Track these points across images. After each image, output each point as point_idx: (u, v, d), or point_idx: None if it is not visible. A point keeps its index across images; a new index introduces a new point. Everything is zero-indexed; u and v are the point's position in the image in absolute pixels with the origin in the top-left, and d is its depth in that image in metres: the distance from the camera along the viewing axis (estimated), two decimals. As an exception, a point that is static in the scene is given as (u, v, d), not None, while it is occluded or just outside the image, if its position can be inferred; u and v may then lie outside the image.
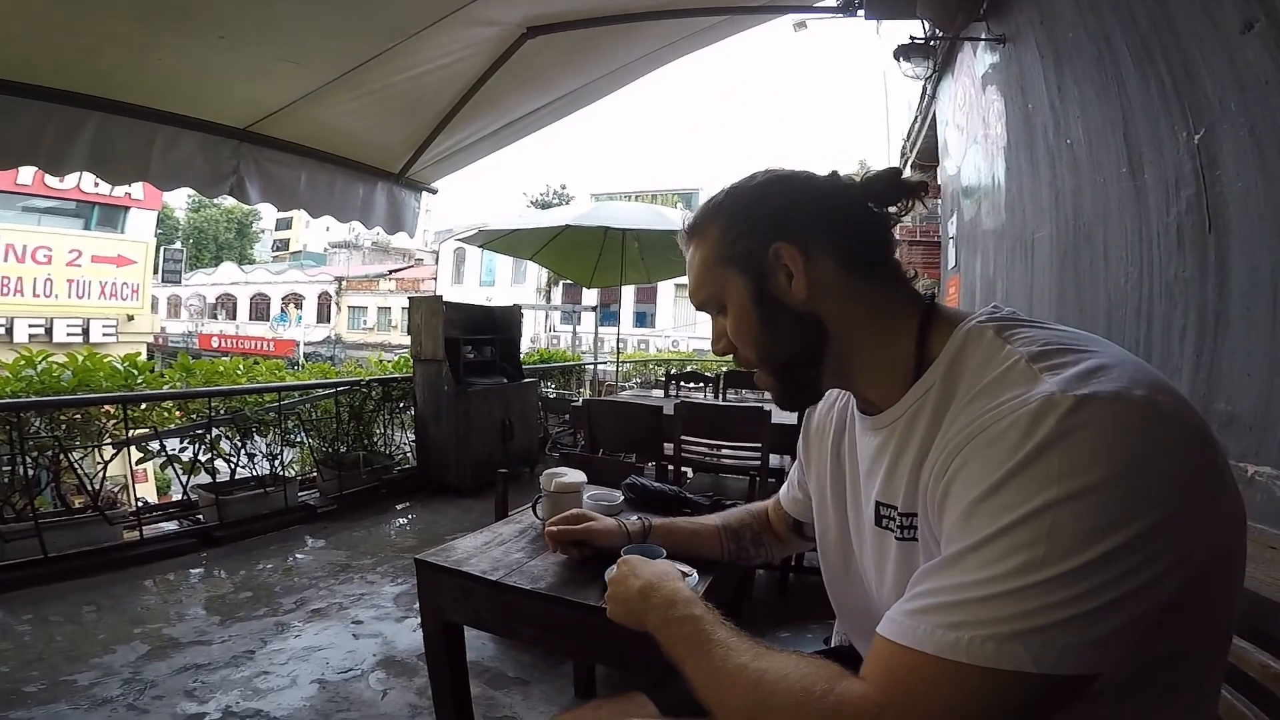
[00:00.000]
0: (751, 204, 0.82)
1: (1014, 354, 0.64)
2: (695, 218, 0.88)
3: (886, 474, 0.77)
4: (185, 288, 38.10)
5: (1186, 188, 1.69)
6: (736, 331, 0.83)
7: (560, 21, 3.05)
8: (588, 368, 10.11)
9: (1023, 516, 0.51)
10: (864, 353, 0.78)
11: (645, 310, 29.54)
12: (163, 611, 2.97)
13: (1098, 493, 0.50)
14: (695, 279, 0.86)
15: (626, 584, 0.93)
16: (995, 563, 0.52)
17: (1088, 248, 2.36)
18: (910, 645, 0.55)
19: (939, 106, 5.27)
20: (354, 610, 3.03)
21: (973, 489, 0.56)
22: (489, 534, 1.56)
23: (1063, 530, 0.50)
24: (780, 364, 0.82)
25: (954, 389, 0.69)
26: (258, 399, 4.60)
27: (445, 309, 5.30)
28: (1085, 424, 0.52)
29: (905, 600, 0.59)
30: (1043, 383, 0.57)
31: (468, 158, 4.24)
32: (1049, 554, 0.50)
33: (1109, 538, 0.49)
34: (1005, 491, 0.53)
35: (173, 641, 2.66)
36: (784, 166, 0.85)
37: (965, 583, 0.54)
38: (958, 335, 0.72)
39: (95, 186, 14.70)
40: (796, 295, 0.77)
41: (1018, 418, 0.56)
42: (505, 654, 2.57)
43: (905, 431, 0.74)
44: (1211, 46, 1.56)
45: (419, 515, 4.78)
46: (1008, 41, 3.19)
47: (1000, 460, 0.55)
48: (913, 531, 0.73)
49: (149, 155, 2.78)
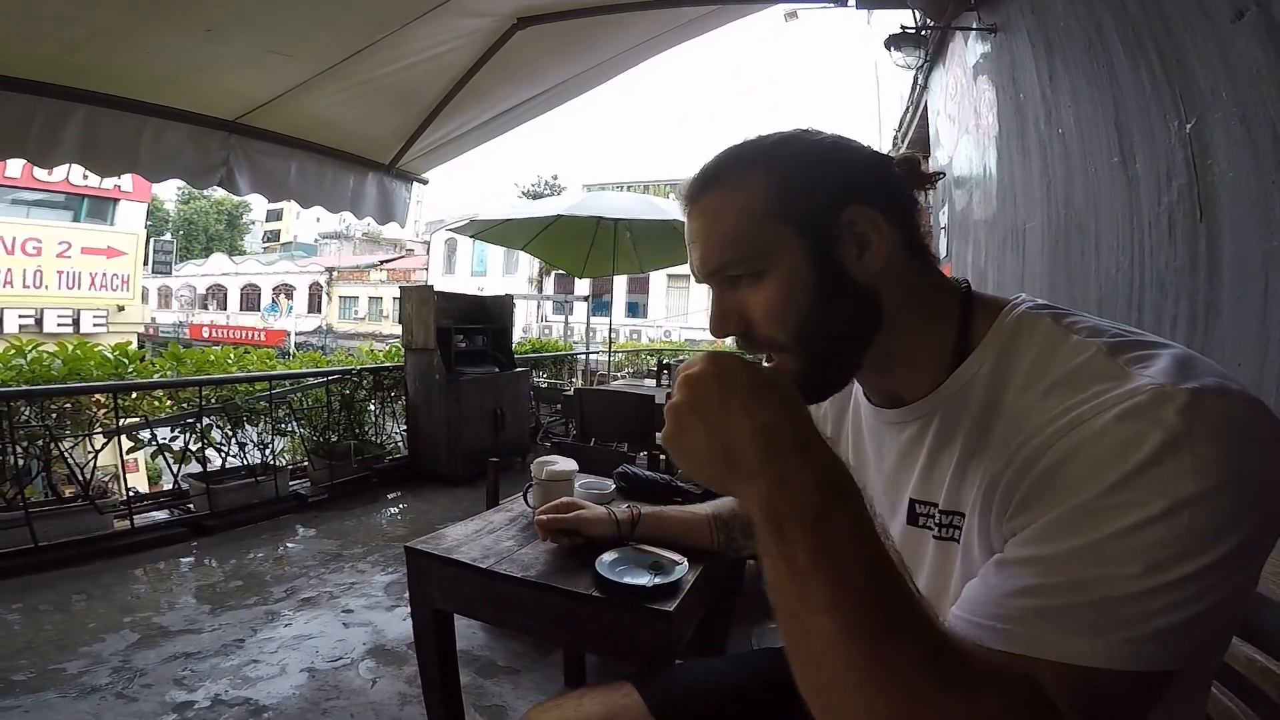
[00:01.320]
0: (816, 158, 0.70)
1: (1087, 344, 0.59)
2: (719, 162, 0.71)
3: (924, 470, 0.71)
4: (176, 279, 37.82)
5: (1178, 177, 1.69)
6: (777, 303, 0.67)
7: (550, 12, 3.04)
8: (580, 357, 10.10)
9: (1160, 513, 0.48)
10: (909, 338, 0.70)
11: (637, 300, 29.46)
12: (153, 600, 2.98)
13: (1227, 490, 0.48)
14: (725, 235, 0.69)
15: (727, 404, 0.56)
16: (1127, 561, 0.48)
17: (1079, 237, 2.37)
18: (1043, 656, 0.50)
19: (930, 96, 5.26)
20: (344, 599, 3.04)
21: (1088, 485, 0.51)
22: (479, 522, 1.56)
23: (1196, 528, 0.47)
24: (824, 345, 0.68)
25: (1007, 378, 0.63)
26: (249, 388, 4.59)
27: (436, 298, 5.30)
28: (1206, 419, 0.49)
29: (996, 604, 0.54)
30: (1138, 376, 0.54)
31: (459, 148, 4.22)
32: (1182, 552, 0.47)
33: (1233, 536, 0.48)
34: (1135, 488, 0.49)
35: (162, 630, 2.66)
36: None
37: (1089, 580, 0.50)
38: (1005, 322, 0.67)
39: (85, 179, 14.58)
40: (868, 268, 0.67)
41: (1129, 410, 0.52)
42: (495, 642, 2.59)
43: (946, 424, 0.69)
44: (1202, 35, 1.55)
45: (410, 504, 4.79)
46: (999, 31, 3.18)
47: (1119, 455, 0.50)
48: (953, 531, 0.67)
49: (137, 147, 2.78)
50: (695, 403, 0.57)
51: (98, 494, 3.62)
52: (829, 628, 0.48)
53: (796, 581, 0.50)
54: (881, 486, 0.79)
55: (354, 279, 36.10)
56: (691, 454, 0.57)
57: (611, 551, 1.29)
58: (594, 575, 1.22)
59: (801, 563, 0.50)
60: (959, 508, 0.67)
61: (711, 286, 0.72)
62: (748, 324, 0.70)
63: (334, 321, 35.01)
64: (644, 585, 1.18)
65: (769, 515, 0.52)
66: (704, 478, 0.58)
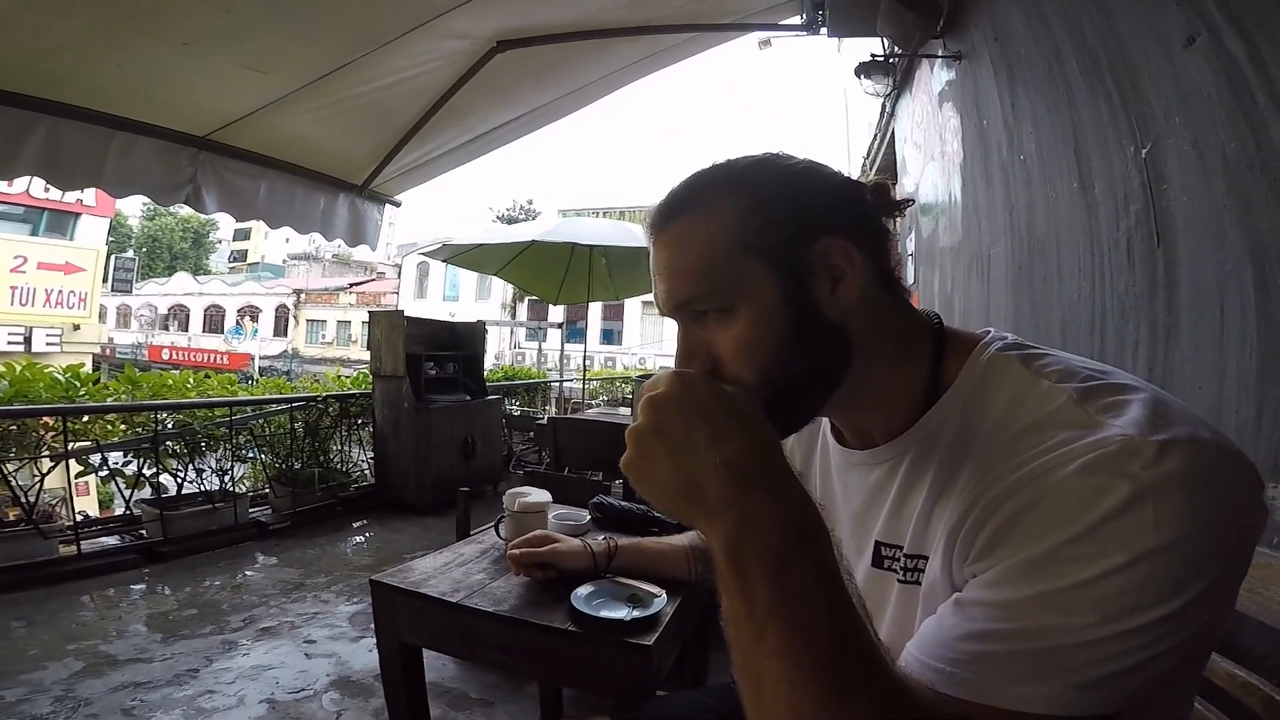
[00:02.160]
0: (789, 185, 0.66)
1: (1057, 391, 0.59)
2: (687, 189, 0.67)
3: (891, 512, 0.70)
4: (136, 297, 36.93)
5: (1135, 202, 1.71)
6: (747, 341, 0.63)
7: (530, 36, 3.06)
8: (553, 385, 10.04)
9: (1120, 566, 0.48)
10: (880, 377, 0.67)
11: (612, 327, 29.53)
12: (100, 628, 2.85)
13: (1188, 544, 0.48)
14: (692, 268, 0.65)
15: (693, 433, 0.53)
16: (1084, 611, 0.48)
17: (1041, 263, 2.39)
18: (987, 702, 0.50)
19: (898, 124, 5.35)
20: (307, 629, 2.93)
21: (1050, 534, 0.51)
22: (449, 554, 1.52)
23: (1155, 581, 0.48)
24: (791, 388, 0.65)
25: (977, 422, 0.62)
26: (207, 413, 4.47)
27: (406, 324, 5.22)
28: (1172, 472, 0.49)
29: (947, 646, 0.53)
30: (1106, 426, 0.53)
31: (434, 170, 4.20)
32: (1137, 604, 0.47)
33: (1192, 588, 0.48)
34: (1096, 540, 0.49)
35: (109, 659, 2.55)
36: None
37: (1044, 628, 0.49)
38: (977, 363, 0.65)
39: (45, 192, 14.23)
40: (840, 303, 0.64)
41: (1095, 461, 0.51)
42: (468, 674, 2.51)
43: (914, 467, 0.67)
44: (1156, 60, 1.58)
45: (377, 533, 4.67)
46: (963, 58, 3.23)
47: (1083, 506, 0.50)
48: (918, 575, 0.65)
49: (102, 161, 2.70)
50: (659, 428, 0.54)
51: (42, 518, 3.48)
52: (781, 673, 0.48)
53: (753, 624, 0.49)
54: (849, 527, 0.77)
55: (322, 302, 35.63)
56: (653, 483, 0.55)
57: (587, 585, 1.26)
58: (569, 609, 1.19)
59: (761, 605, 0.49)
60: (924, 551, 0.65)
61: (677, 321, 0.68)
62: (715, 363, 0.65)
63: (301, 345, 34.43)
64: (622, 619, 1.15)
65: (731, 554, 0.51)
66: (665, 508, 0.56)
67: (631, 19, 3.24)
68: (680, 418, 0.54)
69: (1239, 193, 1.29)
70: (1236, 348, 1.32)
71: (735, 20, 3.68)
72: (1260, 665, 0.93)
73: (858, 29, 3.71)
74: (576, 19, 3.09)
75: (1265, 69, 1.20)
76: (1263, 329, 1.25)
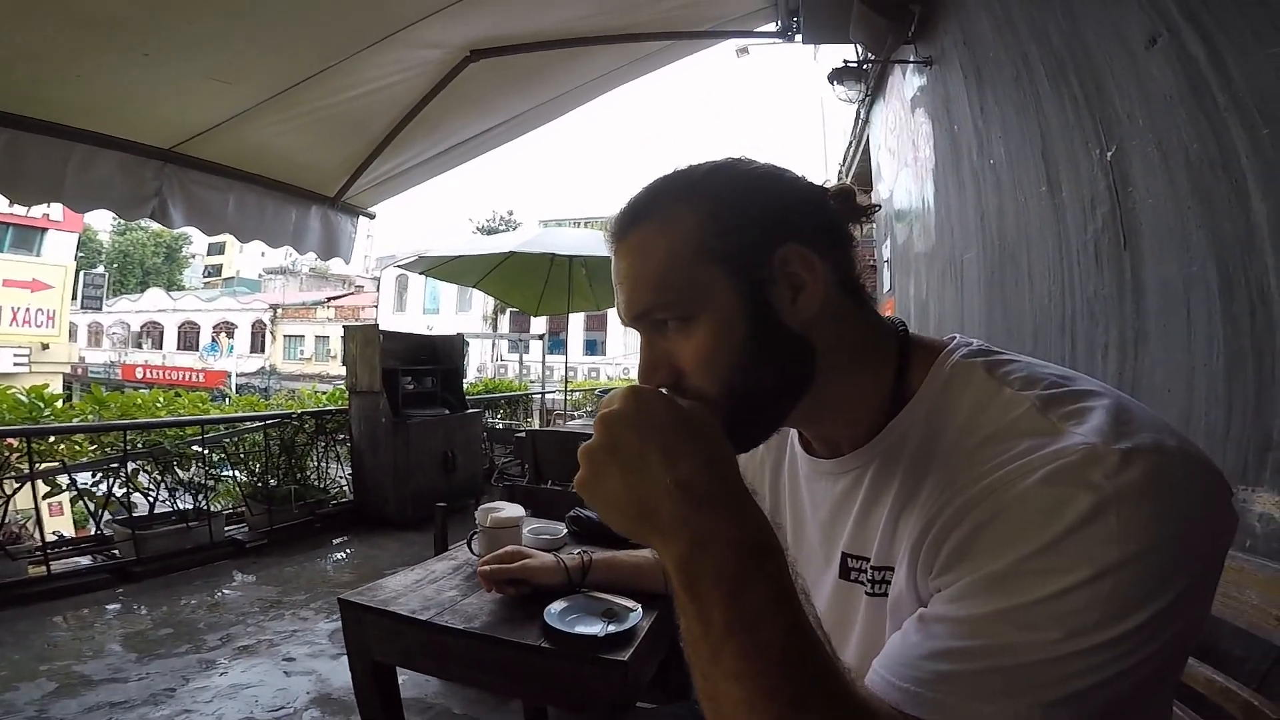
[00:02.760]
0: (749, 192, 0.65)
1: (1020, 399, 0.58)
2: (648, 196, 0.67)
3: (857, 523, 0.69)
4: (108, 315, 36.31)
5: (1102, 205, 1.72)
6: (707, 351, 0.62)
7: (504, 45, 3.05)
8: (535, 397, 9.98)
9: (1083, 580, 0.47)
10: (844, 386, 0.66)
11: (595, 338, 29.51)
12: (73, 648, 2.79)
13: (1153, 555, 0.47)
14: (652, 275, 0.64)
15: (646, 451, 0.52)
16: (1047, 627, 0.47)
17: (1013, 267, 2.40)
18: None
19: (872, 130, 5.39)
20: (285, 647, 2.88)
21: (1012, 548, 0.50)
22: (421, 571, 1.49)
23: (1119, 595, 0.47)
24: (753, 399, 0.64)
25: (940, 431, 0.61)
26: (179, 432, 4.39)
27: (382, 338, 5.17)
28: (1135, 481, 0.48)
29: (912, 665, 0.52)
30: (1068, 434, 0.52)
31: (408, 181, 4.17)
32: (1102, 619, 0.46)
33: (1159, 599, 0.47)
34: (1058, 554, 0.48)
35: (84, 679, 2.50)
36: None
37: (1007, 646, 0.48)
38: (941, 370, 0.64)
39: (10, 207, 13.93)
40: (801, 312, 0.63)
41: (1056, 471, 0.50)
42: (450, 690, 2.46)
43: (878, 476, 0.66)
44: (1120, 62, 1.59)
45: (356, 549, 4.61)
46: (934, 64, 3.25)
47: (1045, 519, 0.49)
48: (884, 587, 0.64)
49: (63, 175, 2.63)
50: (611, 446, 0.53)
51: (9, 540, 3.40)
52: (738, 694, 0.47)
53: (709, 644, 0.48)
54: (817, 538, 0.75)
55: (300, 317, 35.24)
56: (606, 501, 0.53)
57: (561, 600, 1.24)
58: (543, 625, 1.16)
59: (716, 626, 0.48)
60: (890, 563, 0.64)
61: (640, 331, 0.67)
62: (678, 375, 0.64)
63: (278, 362, 34.01)
64: (596, 635, 1.13)
65: (685, 574, 0.49)
66: (619, 528, 0.54)
67: (607, 27, 3.25)
68: (633, 434, 0.52)
69: (1202, 193, 1.30)
70: (1204, 350, 1.33)
71: (711, 28, 3.70)
72: (1238, 669, 0.93)
73: (831, 35, 3.74)
74: (551, 28, 3.09)
75: (1225, 68, 1.21)
76: (1228, 330, 1.25)
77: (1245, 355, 1.21)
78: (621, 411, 0.53)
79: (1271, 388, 1.14)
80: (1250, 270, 1.18)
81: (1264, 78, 1.12)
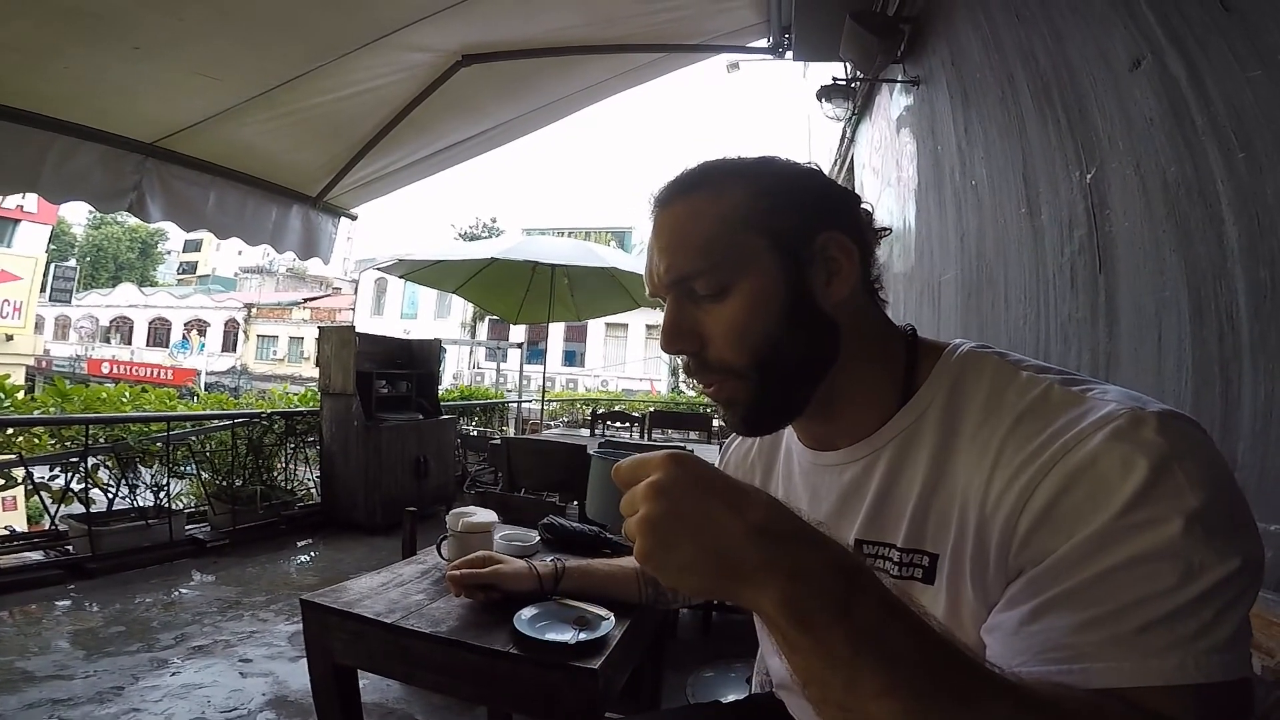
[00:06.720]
0: (797, 180, 0.70)
1: (1039, 379, 0.62)
2: (699, 170, 0.71)
3: (873, 509, 0.69)
4: (76, 308, 35.50)
5: (1079, 228, 1.72)
6: (741, 321, 0.66)
7: (496, 51, 3.06)
8: (511, 406, 9.91)
9: (1177, 528, 0.49)
10: (857, 375, 0.70)
11: (574, 349, 29.36)
12: (17, 644, 2.70)
13: (1221, 492, 0.51)
14: (699, 240, 0.67)
15: (711, 508, 0.48)
16: (1161, 576, 0.48)
17: (990, 289, 2.40)
18: (1144, 683, 0.48)
19: (857, 150, 5.40)
20: (242, 648, 2.82)
21: (1099, 511, 0.51)
22: (388, 574, 1.46)
23: (1216, 531, 0.49)
24: (782, 372, 0.67)
25: (962, 413, 0.64)
26: (142, 428, 4.29)
27: (357, 340, 5.11)
28: (1180, 438, 0.52)
29: (1059, 648, 0.51)
30: (1102, 403, 0.56)
31: (393, 184, 4.14)
32: (1204, 562, 0.48)
33: (1241, 526, 0.51)
34: (1144, 507, 0.50)
35: (26, 675, 2.42)
36: None
37: (1134, 601, 0.49)
38: (952, 360, 0.69)
39: (-21, 195, 13.60)
40: (834, 295, 0.67)
41: (1113, 433, 0.53)
42: (413, 696, 2.41)
43: (897, 462, 0.68)
44: (1103, 84, 1.59)
45: (322, 553, 4.52)
46: (921, 84, 3.26)
47: (1119, 477, 0.51)
48: (916, 570, 0.65)
49: (40, 165, 2.58)
50: (675, 512, 0.49)
51: (-44, 535, 3.26)
52: (893, 711, 0.44)
53: (840, 673, 0.45)
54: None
55: (275, 317, 34.69)
56: (680, 568, 0.49)
57: (532, 607, 1.22)
58: (512, 631, 1.14)
59: (841, 652, 0.45)
60: (922, 546, 0.65)
61: (670, 298, 0.69)
62: (702, 342, 0.68)
63: (250, 361, 33.40)
64: (567, 642, 1.11)
65: (791, 611, 0.46)
66: (698, 592, 0.52)
67: (600, 37, 3.27)
68: (694, 495, 0.49)
69: (1177, 218, 1.31)
70: (1173, 374, 1.34)
71: (702, 42, 3.73)
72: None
73: (822, 53, 3.77)
74: (543, 35, 3.10)
75: (1204, 91, 1.21)
76: (1197, 354, 1.27)
77: (1213, 380, 1.22)
78: (675, 476, 0.50)
79: (1237, 411, 1.16)
80: (1220, 295, 1.19)
81: (1241, 100, 1.13)
